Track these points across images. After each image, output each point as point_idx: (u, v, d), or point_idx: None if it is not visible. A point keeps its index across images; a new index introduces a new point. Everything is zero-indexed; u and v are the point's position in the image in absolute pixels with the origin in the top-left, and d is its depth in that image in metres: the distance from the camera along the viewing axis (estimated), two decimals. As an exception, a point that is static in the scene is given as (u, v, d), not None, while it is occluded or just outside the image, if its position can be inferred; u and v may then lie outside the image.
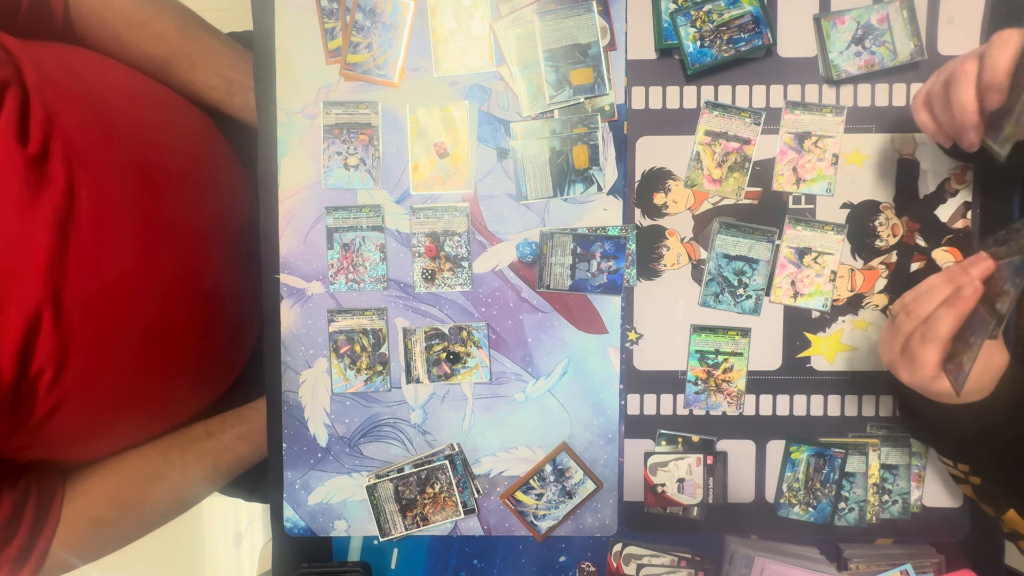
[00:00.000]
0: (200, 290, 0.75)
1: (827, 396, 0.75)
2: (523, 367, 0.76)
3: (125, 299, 0.66)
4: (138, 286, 0.67)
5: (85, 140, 0.64)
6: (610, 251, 0.74)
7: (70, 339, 0.62)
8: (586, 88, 0.73)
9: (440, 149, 0.75)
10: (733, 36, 0.71)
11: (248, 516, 1.66)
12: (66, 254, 0.61)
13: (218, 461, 0.80)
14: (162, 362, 0.73)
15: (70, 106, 0.65)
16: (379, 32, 0.74)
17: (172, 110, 0.80)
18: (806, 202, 0.74)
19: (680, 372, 0.76)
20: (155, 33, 0.78)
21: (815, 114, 0.73)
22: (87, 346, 0.63)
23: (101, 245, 0.64)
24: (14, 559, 0.66)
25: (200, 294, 0.75)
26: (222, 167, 0.83)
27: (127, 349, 0.68)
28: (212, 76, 0.82)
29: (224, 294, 0.79)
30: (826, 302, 0.74)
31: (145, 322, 0.69)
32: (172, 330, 0.73)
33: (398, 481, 0.75)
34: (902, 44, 0.71)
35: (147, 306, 0.69)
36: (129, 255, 0.67)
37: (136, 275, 0.67)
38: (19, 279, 0.59)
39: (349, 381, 0.76)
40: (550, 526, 0.77)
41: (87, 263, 0.63)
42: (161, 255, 0.70)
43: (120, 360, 0.68)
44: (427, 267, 0.75)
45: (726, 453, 0.76)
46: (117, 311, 0.66)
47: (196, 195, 0.76)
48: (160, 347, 0.72)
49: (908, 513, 0.75)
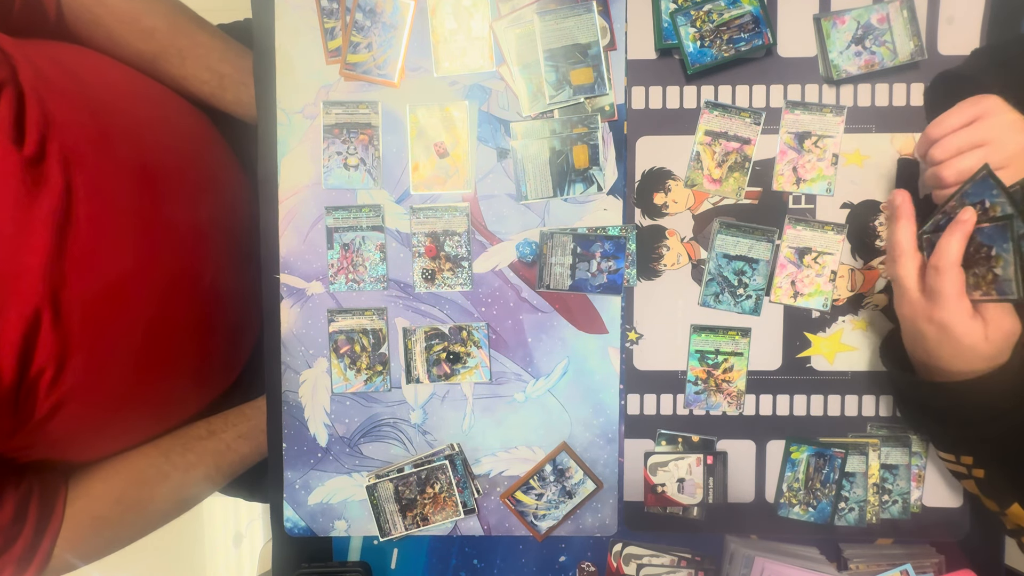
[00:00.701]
0: (199, 289, 0.75)
1: (827, 396, 0.75)
2: (523, 367, 0.76)
3: (124, 299, 0.66)
4: (137, 286, 0.67)
5: (82, 140, 0.64)
6: (610, 251, 0.74)
7: (70, 339, 0.62)
8: (586, 88, 0.73)
9: (440, 149, 0.75)
10: (733, 36, 0.71)
11: (248, 516, 1.66)
12: (64, 255, 0.61)
13: (220, 460, 0.79)
14: (162, 361, 0.73)
15: (66, 106, 0.64)
16: (379, 32, 0.74)
17: (168, 107, 0.80)
18: (806, 202, 0.74)
19: (680, 372, 0.75)
20: (145, 28, 0.78)
21: (815, 114, 0.73)
22: (87, 346, 0.63)
23: (99, 245, 0.64)
24: (18, 560, 0.66)
25: (200, 293, 0.75)
26: (220, 165, 0.83)
27: (127, 349, 0.68)
28: (203, 70, 0.82)
29: (224, 293, 0.79)
30: (826, 302, 0.74)
31: (145, 321, 0.69)
32: (172, 329, 0.73)
33: (398, 481, 0.75)
34: (902, 44, 0.71)
35: (147, 305, 0.69)
36: (128, 255, 0.67)
37: (135, 275, 0.67)
38: (18, 280, 0.59)
39: (349, 381, 0.76)
40: (550, 526, 0.77)
41: (86, 263, 0.63)
42: (160, 254, 0.70)
43: (120, 360, 0.68)
44: (427, 267, 0.75)
45: (726, 453, 0.76)
46: (117, 311, 0.66)
47: (194, 194, 0.76)
48: (160, 346, 0.71)
49: (908, 513, 0.75)
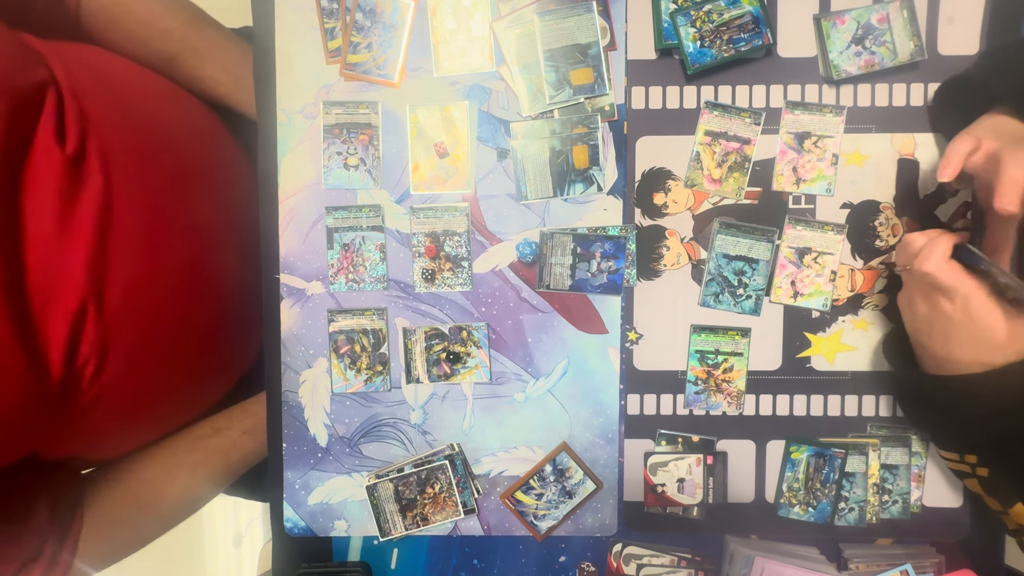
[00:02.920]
0: (220, 283, 0.76)
1: (827, 396, 0.75)
2: (523, 367, 0.76)
3: (155, 292, 0.68)
4: (165, 279, 0.69)
5: (115, 137, 0.66)
6: (610, 251, 0.74)
7: (110, 333, 0.64)
8: (586, 88, 0.73)
9: (440, 149, 0.75)
10: (733, 36, 0.71)
11: (248, 516, 1.67)
12: (106, 249, 0.63)
13: (227, 458, 0.80)
14: (187, 355, 0.74)
15: (98, 104, 0.66)
16: (379, 32, 0.74)
17: (186, 107, 0.81)
18: (806, 202, 0.74)
19: (680, 372, 0.75)
20: (163, 29, 0.79)
21: (815, 114, 0.73)
22: (124, 339, 0.65)
23: (134, 240, 0.66)
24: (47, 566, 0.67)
25: (220, 287, 0.77)
26: (233, 165, 0.85)
27: (157, 342, 0.70)
28: (220, 72, 0.82)
29: (240, 288, 0.81)
30: (826, 302, 0.74)
31: (173, 315, 0.70)
32: (196, 323, 0.74)
33: (398, 481, 0.75)
34: (902, 44, 0.71)
35: (173, 299, 0.70)
36: (158, 249, 0.68)
37: (164, 268, 0.69)
38: (64, 276, 0.61)
39: (349, 381, 0.76)
40: (550, 526, 0.77)
41: (123, 257, 0.65)
42: (185, 249, 0.71)
43: (151, 353, 0.69)
44: (427, 267, 0.75)
45: (726, 453, 0.76)
46: (148, 304, 0.68)
47: (213, 192, 0.77)
48: (185, 340, 0.73)
49: (908, 513, 0.75)
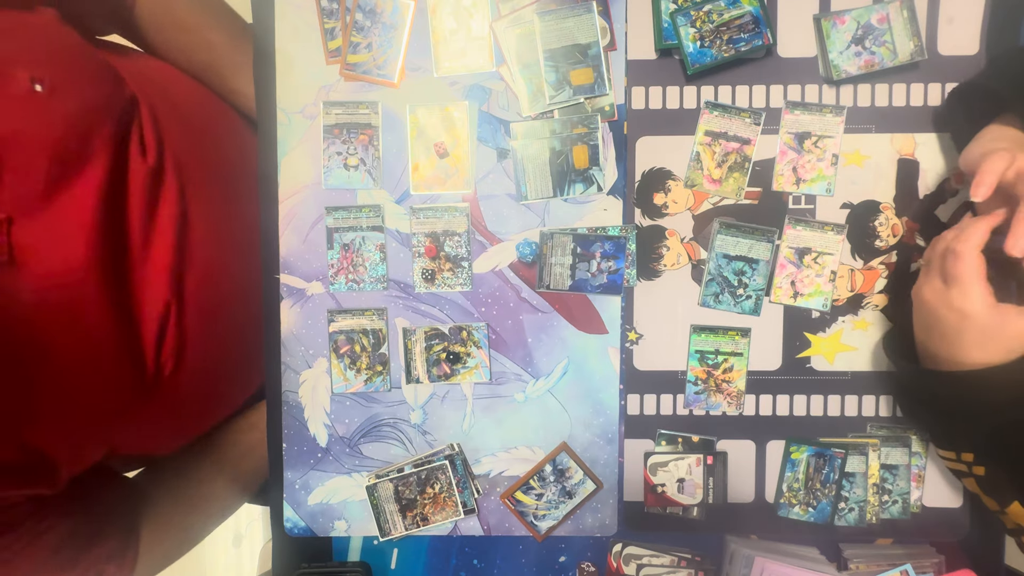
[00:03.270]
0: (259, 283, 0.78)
1: (827, 396, 0.75)
2: (523, 367, 0.76)
3: (220, 289, 0.72)
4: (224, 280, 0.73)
5: (183, 148, 0.70)
6: (610, 251, 0.74)
7: (186, 334, 0.67)
8: (586, 88, 0.73)
9: (440, 149, 0.75)
10: (733, 36, 0.71)
11: (248, 516, 1.66)
12: (184, 253, 0.67)
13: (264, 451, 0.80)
14: (241, 355, 0.77)
15: (167, 117, 0.69)
16: (379, 32, 0.74)
17: (227, 118, 0.83)
18: (806, 202, 0.74)
19: (680, 372, 0.75)
20: (205, 40, 0.81)
21: (815, 114, 0.73)
22: (196, 340, 0.68)
23: (204, 245, 0.69)
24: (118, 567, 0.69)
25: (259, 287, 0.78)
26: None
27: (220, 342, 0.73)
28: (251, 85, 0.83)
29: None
30: (826, 302, 0.74)
31: (229, 315, 0.74)
32: (246, 321, 0.76)
33: (398, 481, 0.75)
34: (902, 44, 0.71)
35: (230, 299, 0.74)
36: (222, 253, 0.72)
37: (223, 271, 0.72)
38: (153, 281, 0.65)
39: (349, 381, 0.76)
40: (550, 526, 0.77)
41: (196, 262, 0.68)
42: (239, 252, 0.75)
43: (213, 351, 0.72)
44: (427, 267, 0.75)
45: (726, 453, 0.76)
46: (214, 306, 0.71)
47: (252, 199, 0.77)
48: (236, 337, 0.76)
49: (908, 513, 0.75)
